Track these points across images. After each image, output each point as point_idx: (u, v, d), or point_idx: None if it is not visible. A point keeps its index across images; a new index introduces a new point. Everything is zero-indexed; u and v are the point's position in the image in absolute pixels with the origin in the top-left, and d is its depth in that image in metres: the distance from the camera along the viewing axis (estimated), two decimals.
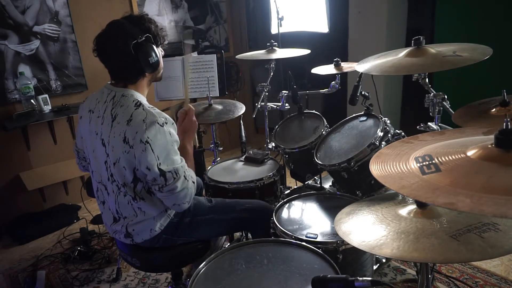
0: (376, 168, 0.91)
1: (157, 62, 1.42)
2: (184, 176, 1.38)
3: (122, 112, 1.34)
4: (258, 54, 2.44)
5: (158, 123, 1.30)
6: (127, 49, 1.33)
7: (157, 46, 1.43)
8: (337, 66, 2.28)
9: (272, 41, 2.44)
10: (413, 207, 1.03)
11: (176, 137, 1.38)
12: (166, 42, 1.50)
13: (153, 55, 1.39)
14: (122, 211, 1.45)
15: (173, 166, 1.33)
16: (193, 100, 2.98)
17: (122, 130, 1.32)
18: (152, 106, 1.38)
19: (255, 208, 1.70)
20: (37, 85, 2.98)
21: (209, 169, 2.18)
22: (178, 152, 1.38)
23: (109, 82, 1.46)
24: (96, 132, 1.41)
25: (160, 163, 1.31)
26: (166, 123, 1.33)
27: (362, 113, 1.90)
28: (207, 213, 1.60)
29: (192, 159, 1.58)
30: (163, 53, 1.52)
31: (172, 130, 1.35)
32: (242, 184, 1.91)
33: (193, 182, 1.44)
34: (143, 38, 1.36)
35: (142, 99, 1.41)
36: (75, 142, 1.65)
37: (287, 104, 2.49)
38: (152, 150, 1.29)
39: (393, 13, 3.19)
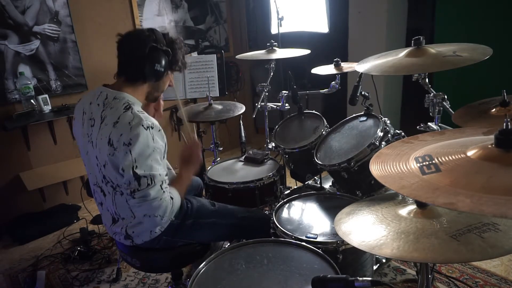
0: (376, 168, 0.91)
1: (161, 73, 1.42)
2: (161, 186, 1.34)
3: (111, 114, 1.33)
4: (258, 54, 2.44)
5: (142, 126, 1.28)
6: (142, 46, 1.36)
7: (170, 69, 1.47)
8: (337, 66, 2.27)
9: (272, 41, 2.44)
10: (413, 207, 1.03)
11: (160, 145, 1.34)
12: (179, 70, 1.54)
13: (162, 64, 1.40)
14: (120, 212, 1.44)
15: (150, 172, 1.30)
16: (193, 101, 2.98)
17: (108, 132, 1.31)
18: (142, 110, 1.36)
19: (254, 217, 1.71)
20: (37, 85, 2.98)
21: (209, 169, 2.18)
22: (161, 163, 1.35)
23: (102, 85, 1.46)
24: (88, 134, 1.41)
25: (136, 166, 1.28)
26: (152, 127, 1.31)
27: (362, 113, 1.90)
28: (210, 216, 1.60)
29: (184, 187, 1.53)
30: (172, 83, 1.56)
31: (156, 136, 1.32)
32: (242, 184, 1.91)
33: (171, 198, 1.39)
34: (163, 48, 1.40)
35: (135, 102, 1.39)
36: None
37: (287, 104, 2.49)
38: (131, 152, 1.27)
39: (393, 13, 3.19)
